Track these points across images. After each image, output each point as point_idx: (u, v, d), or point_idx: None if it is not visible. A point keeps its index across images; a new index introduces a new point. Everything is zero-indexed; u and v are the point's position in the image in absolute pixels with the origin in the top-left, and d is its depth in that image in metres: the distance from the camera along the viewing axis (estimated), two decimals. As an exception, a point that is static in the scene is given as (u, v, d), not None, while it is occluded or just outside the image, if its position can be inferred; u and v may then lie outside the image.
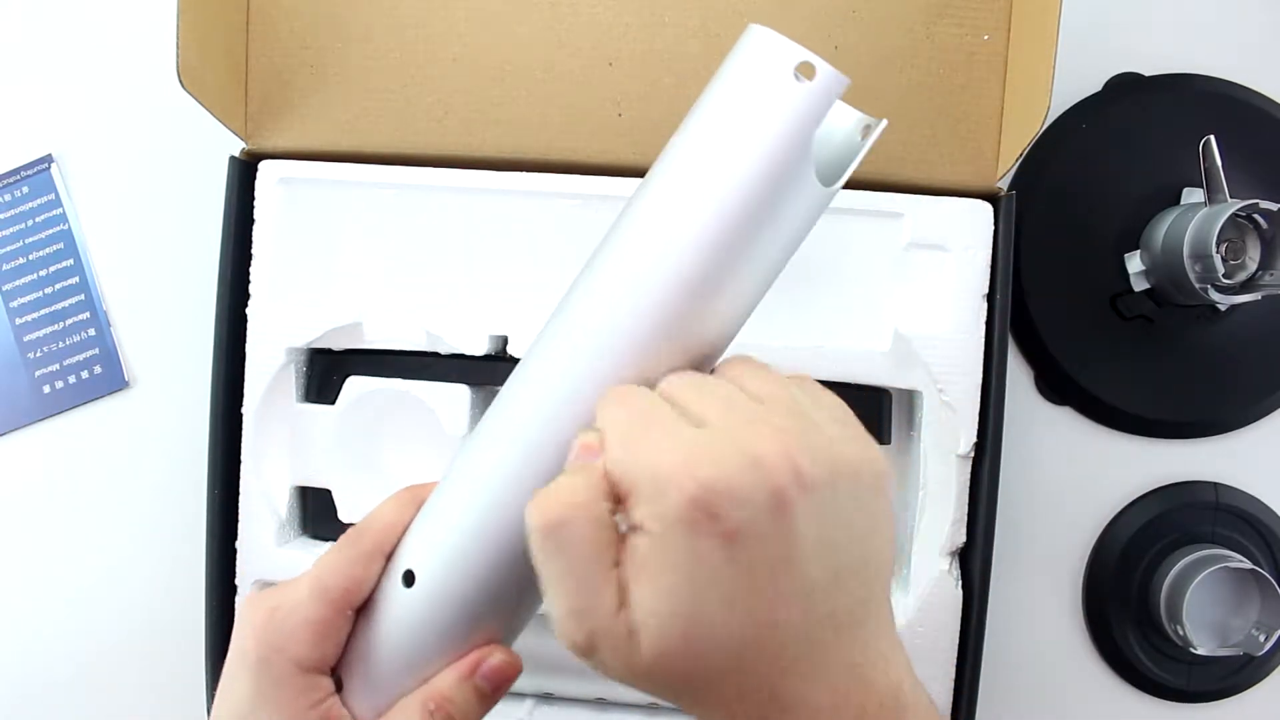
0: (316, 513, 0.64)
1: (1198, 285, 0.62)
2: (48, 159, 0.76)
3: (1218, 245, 0.61)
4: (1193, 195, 0.68)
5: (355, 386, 0.63)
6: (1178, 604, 0.65)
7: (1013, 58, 0.62)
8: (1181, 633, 0.64)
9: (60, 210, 0.75)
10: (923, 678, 0.60)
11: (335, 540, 0.64)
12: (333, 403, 0.63)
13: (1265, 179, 0.68)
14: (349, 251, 0.65)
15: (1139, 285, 0.68)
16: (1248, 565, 0.64)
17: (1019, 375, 0.71)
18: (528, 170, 0.63)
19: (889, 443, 0.64)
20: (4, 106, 0.77)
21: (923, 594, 0.61)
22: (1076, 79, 0.71)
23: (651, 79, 0.64)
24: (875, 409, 0.63)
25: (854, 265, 0.63)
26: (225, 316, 0.63)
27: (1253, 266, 0.63)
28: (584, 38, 0.64)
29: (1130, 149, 0.70)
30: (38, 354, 0.75)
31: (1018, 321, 0.70)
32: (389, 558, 0.42)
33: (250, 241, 0.64)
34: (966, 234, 0.62)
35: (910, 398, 0.64)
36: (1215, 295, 0.62)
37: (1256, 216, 0.62)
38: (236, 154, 0.65)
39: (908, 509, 0.64)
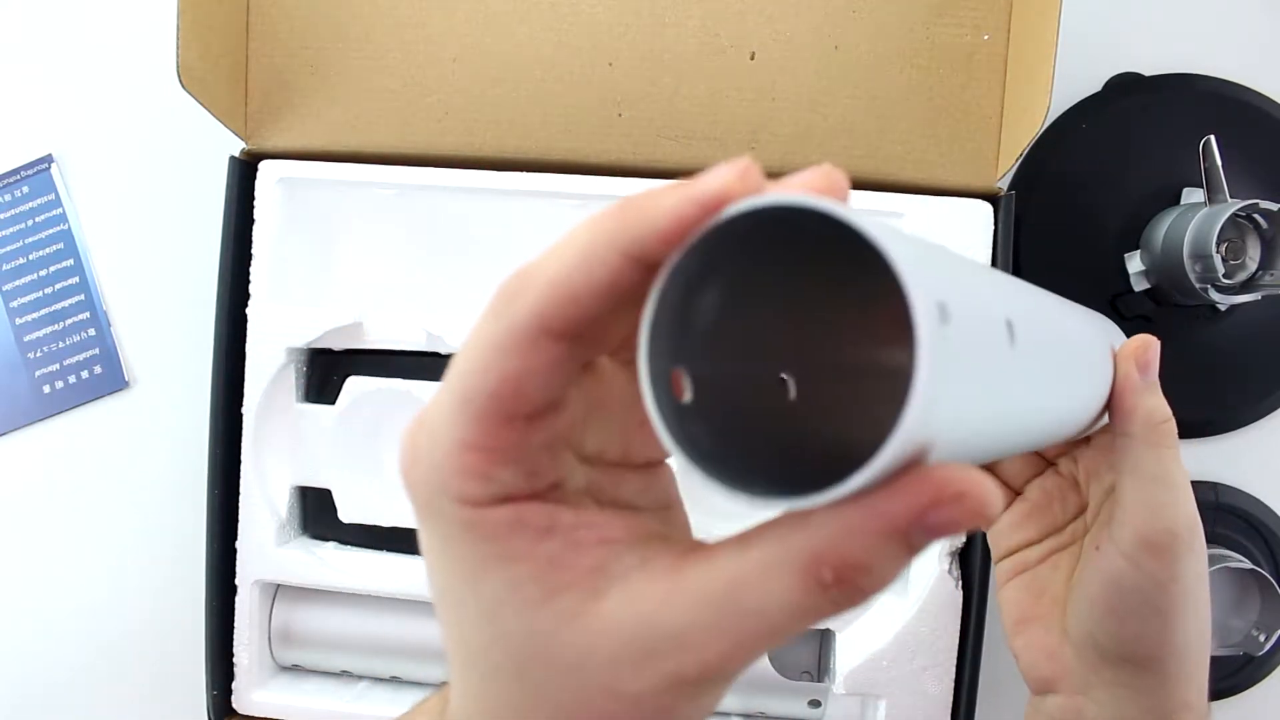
0: (317, 513, 0.64)
1: (1198, 285, 0.62)
2: (48, 159, 0.76)
3: (1218, 245, 0.60)
4: (1193, 195, 0.68)
5: (355, 386, 0.63)
6: (1178, 604, 0.65)
7: (1013, 58, 0.62)
8: (1181, 633, 0.64)
9: (60, 210, 0.75)
10: (923, 677, 0.60)
11: (333, 540, 0.64)
12: (333, 403, 0.63)
13: (1265, 179, 0.68)
14: (349, 251, 0.65)
15: (1139, 285, 0.68)
16: (1248, 565, 0.64)
17: None
18: (528, 170, 0.63)
19: None
20: (4, 106, 0.77)
21: (923, 594, 0.61)
22: (1076, 79, 0.71)
23: (651, 79, 0.64)
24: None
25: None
26: (225, 316, 0.62)
27: (1253, 266, 0.63)
28: (584, 38, 0.64)
29: (1130, 149, 0.70)
30: (38, 354, 0.74)
31: (1017, 321, 0.69)
32: (572, 338, 0.24)
33: (250, 241, 0.64)
34: (966, 234, 0.62)
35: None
36: (1215, 295, 0.62)
37: (1256, 216, 0.62)
38: (236, 154, 0.65)
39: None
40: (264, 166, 0.64)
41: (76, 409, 0.75)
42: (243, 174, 0.64)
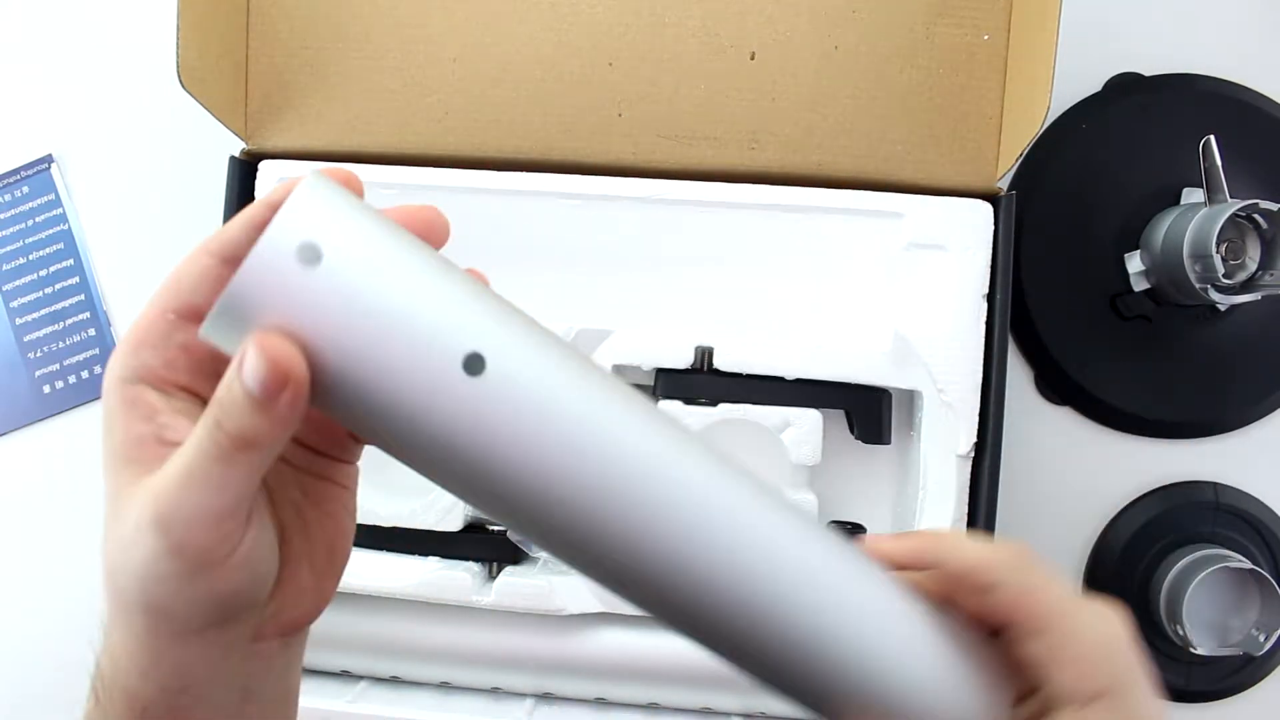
0: (316, 513, 0.64)
1: (1198, 285, 0.62)
2: (48, 159, 0.76)
3: (1218, 245, 0.61)
4: (1193, 195, 0.68)
5: (355, 386, 0.63)
6: (1177, 604, 0.65)
7: (1013, 58, 0.62)
8: (1181, 633, 0.64)
9: (60, 210, 0.75)
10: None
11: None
12: (333, 403, 0.63)
13: (1265, 179, 0.68)
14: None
15: (1139, 285, 0.68)
16: (1247, 565, 0.64)
17: (1019, 375, 0.71)
18: (528, 170, 0.63)
19: (889, 443, 0.64)
20: (4, 106, 0.77)
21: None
22: (1076, 79, 0.71)
23: (651, 79, 0.64)
24: (875, 409, 0.63)
25: (854, 265, 0.64)
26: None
27: (1253, 266, 0.63)
28: (584, 38, 0.64)
29: (1130, 149, 0.70)
30: (38, 354, 0.75)
31: (1018, 321, 0.69)
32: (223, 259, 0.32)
33: (250, 241, 0.64)
34: (966, 234, 0.62)
35: (910, 398, 0.64)
36: (1215, 295, 0.62)
37: (1256, 216, 0.62)
38: (236, 154, 0.65)
39: (908, 509, 0.64)
40: (264, 166, 0.64)
41: (76, 409, 0.75)
42: (243, 174, 0.64)
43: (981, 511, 0.61)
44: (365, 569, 0.62)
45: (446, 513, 0.62)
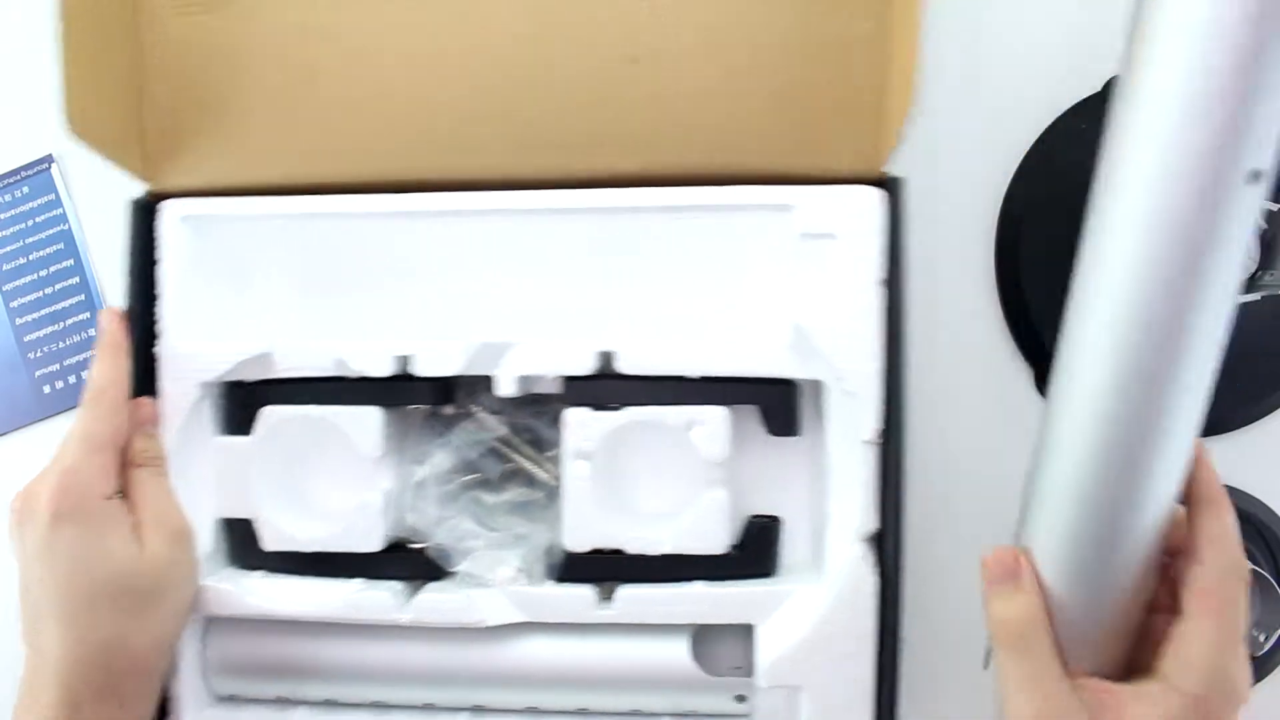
0: (241, 543, 0.65)
1: (1198, 285, 0.58)
2: (48, 159, 0.78)
3: (1217, 245, 0.56)
4: (1193, 196, 0.62)
5: (269, 416, 0.64)
6: (1178, 604, 0.61)
7: (891, 42, 0.58)
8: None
9: (60, 210, 0.78)
10: (844, 665, 0.61)
11: (260, 569, 0.66)
12: (249, 433, 0.64)
13: (1266, 178, 0.62)
14: (256, 283, 0.65)
15: (1139, 285, 0.63)
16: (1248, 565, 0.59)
17: (1018, 374, 0.71)
18: (421, 190, 0.63)
19: (800, 434, 0.63)
20: (4, 106, 0.79)
21: (838, 582, 0.61)
22: (1076, 79, 0.69)
23: (536, 90, 0.63)
24: (782, 402, 0.62)
25: (751, 260, 0.62)
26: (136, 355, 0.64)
27: (1253, 266, 0.63)
28: (470, 55, 0.63)
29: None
30: (38, 354, 0.78)
31: (1017, 321, 0.71)
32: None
33: (154, 281, 0.65)
34: (856, 221, 0.60)
35: (815, 388, 0.63)
36: (1215, 295, 0.57)
37: (1257, 216, 0.56)
38: (138, 196, 0.65)
39: (821, 498, 0.63)
40: (167, 205, 0.64)
41: (76, 409, 0.78)
42: (144, 215, 0.65)
43: (890, 496, 0.60)
44: (288, 594, 0.64)
45: (366, 534, 0.63)
